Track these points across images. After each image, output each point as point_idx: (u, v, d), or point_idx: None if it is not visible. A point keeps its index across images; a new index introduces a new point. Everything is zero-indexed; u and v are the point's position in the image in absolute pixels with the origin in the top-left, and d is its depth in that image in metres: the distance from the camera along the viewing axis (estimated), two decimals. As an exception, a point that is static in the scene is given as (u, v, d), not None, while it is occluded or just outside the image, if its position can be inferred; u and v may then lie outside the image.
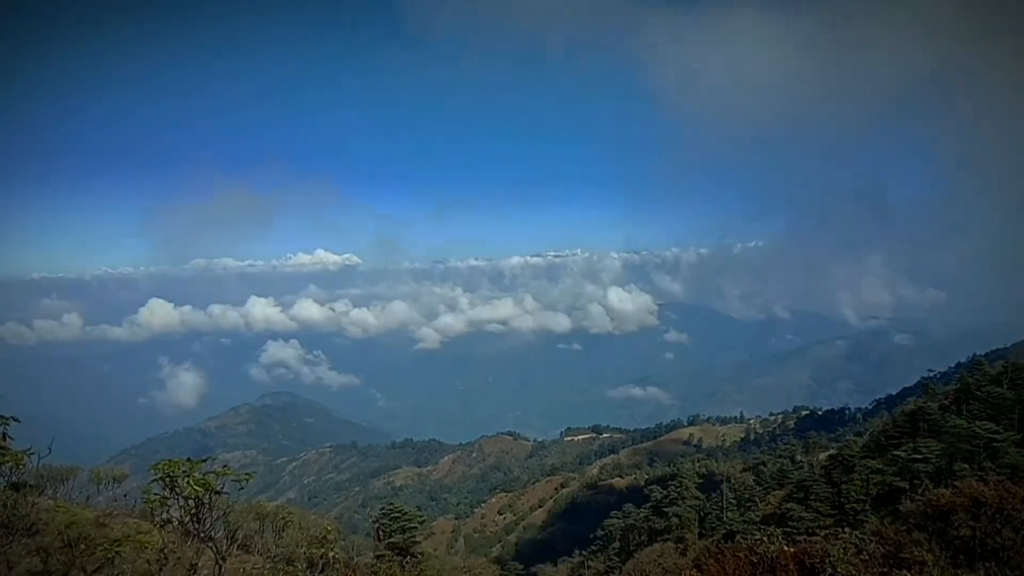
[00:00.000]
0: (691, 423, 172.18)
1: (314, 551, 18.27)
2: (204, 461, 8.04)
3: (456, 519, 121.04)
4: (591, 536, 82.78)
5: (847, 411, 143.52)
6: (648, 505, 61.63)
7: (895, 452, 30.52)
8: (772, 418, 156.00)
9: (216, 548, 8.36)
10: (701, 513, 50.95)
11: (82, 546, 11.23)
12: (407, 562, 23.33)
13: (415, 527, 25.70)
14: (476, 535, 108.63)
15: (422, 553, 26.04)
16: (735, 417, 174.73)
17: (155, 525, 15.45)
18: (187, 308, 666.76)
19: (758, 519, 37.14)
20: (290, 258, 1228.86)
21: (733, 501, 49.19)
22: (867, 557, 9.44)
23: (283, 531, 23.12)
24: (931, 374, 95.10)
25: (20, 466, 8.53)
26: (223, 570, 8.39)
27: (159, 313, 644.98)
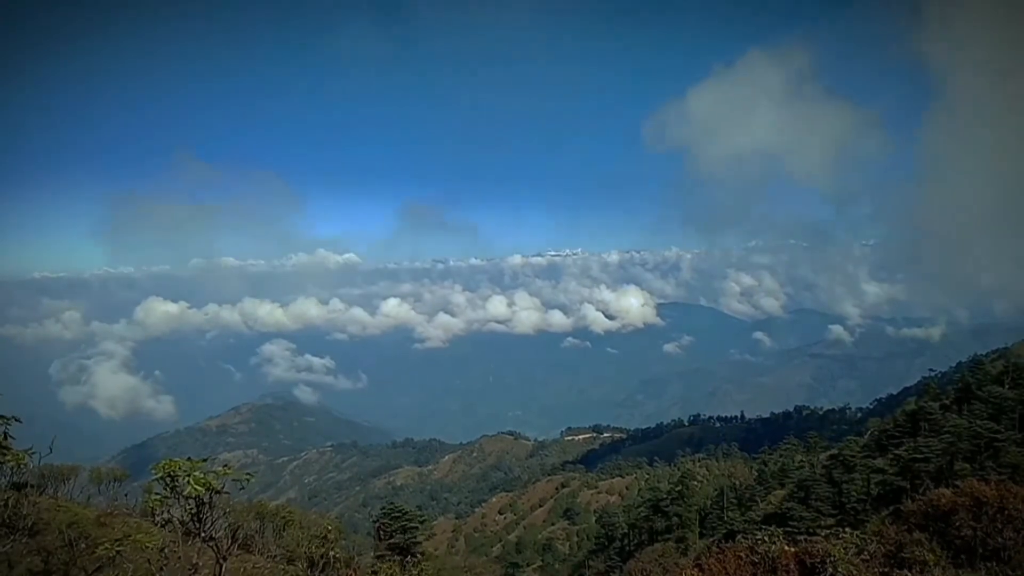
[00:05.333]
0: (692, 422, 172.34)
1: (315, 550, 18.31)
2: (205, 460, 8.03)
3: (457, 519, 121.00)
4: (592, 536, 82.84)
5: (848, 410, 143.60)
6: (649, 505, 61.61)
7: (896, 451, 30.53)
8: (773, 417, 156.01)
9: (217, 548, 8.35)
10: (702, 513, 51.00)
11: (83, 545, 11.28)
12: (408, 561, 23.36)
13: (416, 527, 25.71)
14: (476, 535, 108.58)
15: (422, 553, 26.05)
16: (736, 416, 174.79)
17: (156, 524, 15.51)
18: (187, 308, 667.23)
19: (759, 518, 37.12)
20: (290, 257, 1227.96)
21: (734, 500, 49.24)
22: (868, 557, 9.45)
23: (284, 530, 23.20)
24: (932, 373, 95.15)
25: (21, 465, 8.52)
26: (224, 570, 8.39)
27: (158, 312, 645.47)
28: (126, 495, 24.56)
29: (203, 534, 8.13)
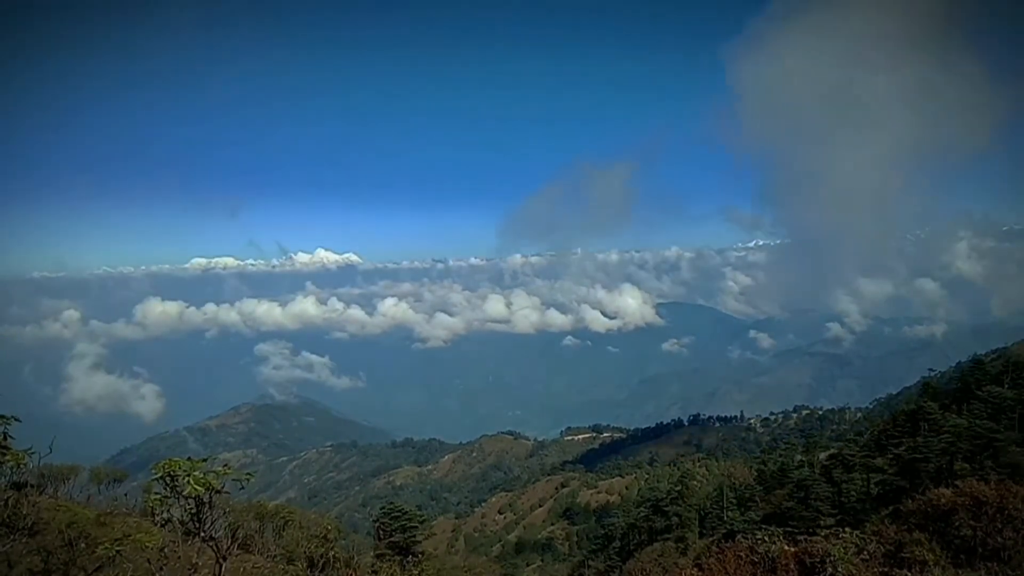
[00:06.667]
0: (691, 422, 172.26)
1: (315, 550, 18.31)
2: (204, 460, 8.03)
3: (456, 518, 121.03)
4: (591, 535, 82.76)
5: (847, 410, 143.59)
6: (648, 504, 61.55)
7: (896, 451, 30.52)
8: (773, 417, 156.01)
9: (217, 547, 8.35)
10: (701, 512, 50.93)
11: (83, 545, 11.26)
12: (407, 561, 23.35)
13: (415, 526, 25.68)
14: (476, 534, 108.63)
15: (422, 552, 26.03)
16: (735, 416, 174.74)
17: (156, 524, 15.49)
18: (186, 307, 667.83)
19: (759, 518, 37.09)
20: (290, 257, 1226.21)
21: (733, 500, 49.17)
22: (868, 556, 9.46)
23: (283, 530, 23.17)
24: (932, 373, 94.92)
25: (21, 465, 8.52)
26: (224, 569, 8.39)
27: (158, 312, 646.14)
28: (126, 495, 24.53)
29: (203, 534, 8.13)
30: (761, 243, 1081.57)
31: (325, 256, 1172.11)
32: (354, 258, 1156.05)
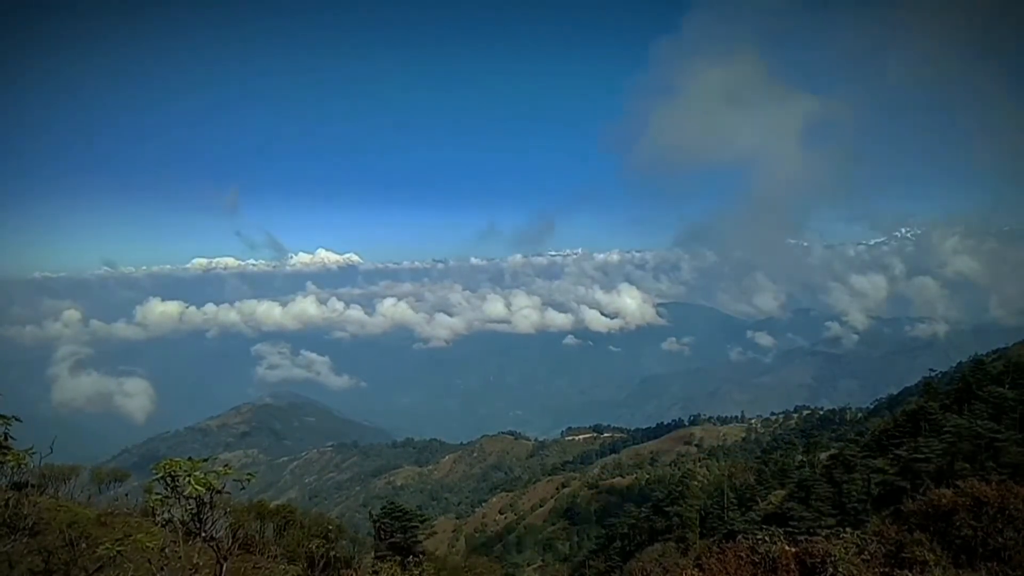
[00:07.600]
0: (692, 423, 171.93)
1: (315, 550, 18.32)
2: (205, 460, 8.02)
3: (457, 518, 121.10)
4: (592, 535, 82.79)
5: (848, 411, 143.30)
6: (649, 504, 61.60)
7: (896, 451, 30.47)
8: (773, 418, 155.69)
9: (217, 547, 8.35)
10: (702, 513, 50.90)
11: (83, 545, 11.27)
12: (408, 561, 23.34)
13: (416, 526, 25.70)
14: (477, 534, 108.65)
15: (423, 552, 26.04)
16: (736, 417, 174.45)
17: (156, 524, 15.49)
18: (187, 307, 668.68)
19: (759, 518, 37.06)
20: (291, 257, 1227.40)
21: (734, 501, 49.16)
22: (868, 557, 9.45)
23: (284, 530, 23.18)
24: (933, 373, 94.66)
25: (22, 465, 8.52)
26: (224, 569, 8.39)
27: (159, 312, 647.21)
28: (127, 495, 24.54)
29: (204, 534, 8.13)
30: (761, 244, 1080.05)
31: (326, 256, 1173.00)
32: (355, 258, 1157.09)
